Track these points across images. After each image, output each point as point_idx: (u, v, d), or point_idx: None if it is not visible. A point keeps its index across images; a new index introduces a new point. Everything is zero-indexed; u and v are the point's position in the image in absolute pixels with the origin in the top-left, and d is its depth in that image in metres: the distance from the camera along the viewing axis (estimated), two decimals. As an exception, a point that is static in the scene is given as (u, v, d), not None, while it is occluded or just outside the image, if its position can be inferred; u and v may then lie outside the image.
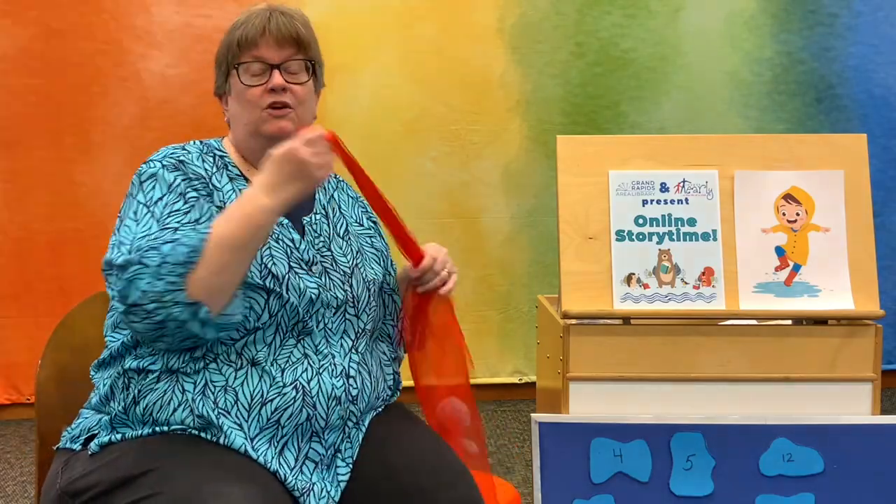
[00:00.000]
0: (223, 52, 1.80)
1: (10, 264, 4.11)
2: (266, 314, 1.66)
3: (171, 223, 1.62)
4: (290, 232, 1.76)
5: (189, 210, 1.65)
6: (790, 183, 2.14)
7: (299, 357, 1.68)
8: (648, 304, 2.08)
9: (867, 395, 2.09)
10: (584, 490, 2.03)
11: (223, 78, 1.80)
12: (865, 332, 2.09)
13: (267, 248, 1.70)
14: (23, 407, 4.08)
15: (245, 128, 1.78)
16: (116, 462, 1.61)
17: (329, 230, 1.83)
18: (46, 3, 4.00)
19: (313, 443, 1.67)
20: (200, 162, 1.75)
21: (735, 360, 2.08)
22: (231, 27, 1.80)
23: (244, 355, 1.65)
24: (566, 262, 2.11)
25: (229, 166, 1.78)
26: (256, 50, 1.75)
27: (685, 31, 4.24)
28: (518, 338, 4.29)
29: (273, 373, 1.65)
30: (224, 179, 1.75)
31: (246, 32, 1.76)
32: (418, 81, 4.18)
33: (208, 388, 1.63)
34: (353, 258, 1.82)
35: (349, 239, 1.85)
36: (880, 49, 4.29)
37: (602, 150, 2.17)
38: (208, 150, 1.79)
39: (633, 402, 2.07)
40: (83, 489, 1.61)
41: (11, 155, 4.07)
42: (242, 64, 1.75)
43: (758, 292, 2.10)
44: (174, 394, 1.64)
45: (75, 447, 1.69)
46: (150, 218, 1.64)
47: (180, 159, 1.73)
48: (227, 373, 1.64)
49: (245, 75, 1.75)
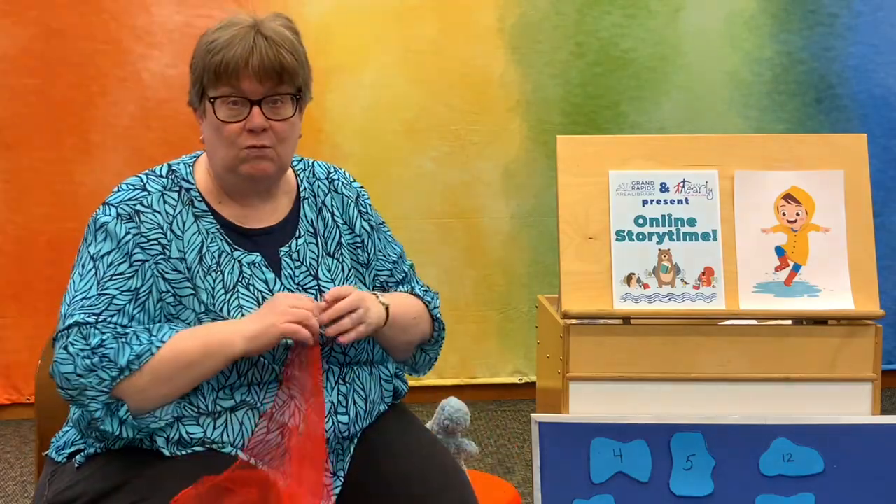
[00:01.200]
0: (199, 67, 1.63)
1: (10, 264, 4.11)
2: (234, 374, 1.59)
3: (110, 288, 1.57)
4: (264, 272, 1.65)
5: (133, 275, 1.58)
6: (790, 183, 2.14)
7: (285, 399, 1.59)
8: (648, 304, 2.08)
9: (867, 395, 2.08)
10: (584, 490, 2.02)
11: (198, 96, 1.65)
12: (865, 332, 2.08)
13: (234, 300, 1.61)
14: (23, 407, 4.08)
15: (222, 161, 1.64)
16: (102, 471, 1.59)
17: (317, 251, 1.71)
18: (46, 3, 4.00)
19: None
20: (161, 204, 1.63)
21: (735, 360, 2.08)
22: (209, 40, 1.63)
23: (220, 405, 1.59)
24: (566, 262, 2.10)
25: (195, 202, 1.66)
26: (237, 81, 1.59)
27: (685, 31, 4.24)
28: (518, 338, 4.29)
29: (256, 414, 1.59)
30: (189, 219, 1.64)
31: (226, 60, 1.58)
32: (418, 81, 4.18)
33: (183, 441, 1.57)
34: (344, 278, 1.72)
35: (340, 254, 1.73)
36: (880, 49, 4.29)
37: (602, 150, 2.17)
38: (174, 182, 1.67)
39: (633, 402, 2.07)
40: (70, 500, 1.59)
41: (11, 155, 4.07)
42: (220, 97, 1.60)
43: (758, 292, 2.10)
44: (142, 443, 1.59)
45: (60, 459, 1.66)
46: (93, 277, 1.59)
47: (136, 209, 1.62)
48: (205, 423, 1.58)
49: (222, 108, 1.60)
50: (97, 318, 1.55)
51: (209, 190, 1.68)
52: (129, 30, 4.02)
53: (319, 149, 4.06)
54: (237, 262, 1.63)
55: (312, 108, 1.80)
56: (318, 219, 1.74)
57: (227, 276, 1.62)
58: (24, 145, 4.06)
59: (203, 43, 1.64)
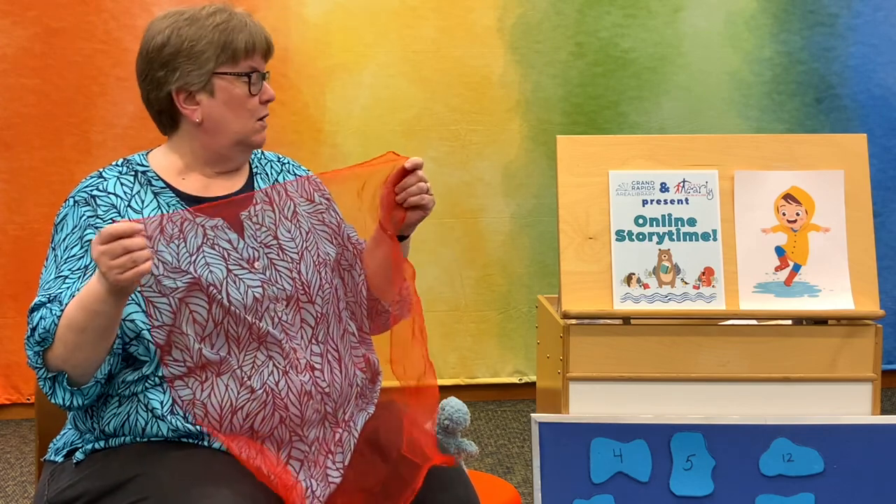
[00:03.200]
0: (210, 47, 1.70)
1: (10, 264, 4.11)
2: (210, 323, 1.64)
3: (64, 270, 1.64)
4: (227, 232, 1.71)
5: (83, 255, 1.64)
6: (790, 183, 2.14)
7: (264, 360, 1.65)
8: (648, 304, 2.08)
9: (867, 395, 2.09)
10: (584, 490, 2.03)
11: (202, 77, 1.71)
12: (865, 332, 2.09)
13: (201, 257, 1.66)
14: (23, 407, 4.08)
15: (233, 135, 1.74)
16: (102, 470, 1.61)
17: (275, 216, 1.77)
18: (46, 3, 4.00)
19: (295, 442, 1.66)
20: (118, 187, 1.71)
21: (735, 360, 2.08)
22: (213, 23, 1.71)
23: (208, 368, 1.63)
24: (566, 262, 2.11)
25: (153, 181, 1.74)
26: (252, 59, 1.73)
27: (685, 31, 4.24)
28: (518, 338, 4.29)
29: (241, 378, 1.63)
30: (148, 197, 1.71)
31: (245, 39, 1.72)
32: (418, 81, 4.18)
33: (176, 404, 1.62)
34: (303, 241, 1.77)
35: (297, 221, 1.79)
36: (880, 49, 4.29)
37: (602, 150, 2.17)
38: (128, 169, 1.76)
39: (633, 402, 2.07)
40: (71, 499, 1.61)
41: (11, 155, 4.06)
42: (245, 73, 1.72)
43: (758, 292, 2.10)
44: (139, 414, 1.63)
45: (59, 459, 1.68)
46: (53, 264, 1.67)
47: (92, 193, 1.70)
48: (193, 386, 1.63)
49: (239, 84, 1.72)
50: (49, 297, 1.61)
51: (168, 170, 1.76)
52: (129, 30, 4.02)
53: (319, 149, 4.06)
54: (200, 227, 1.69)
55: (312, 108, 1.83)
56: (273, 191, 1.82)
57: (189, 241, 1.67)
58: (24, 145, 4.06)
59: (203, 26, 1.72)
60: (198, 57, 1.70)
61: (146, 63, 1.74)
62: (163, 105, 1.74)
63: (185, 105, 1.72)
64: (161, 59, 1.72)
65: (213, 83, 1.71)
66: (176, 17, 1.74)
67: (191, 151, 1.76)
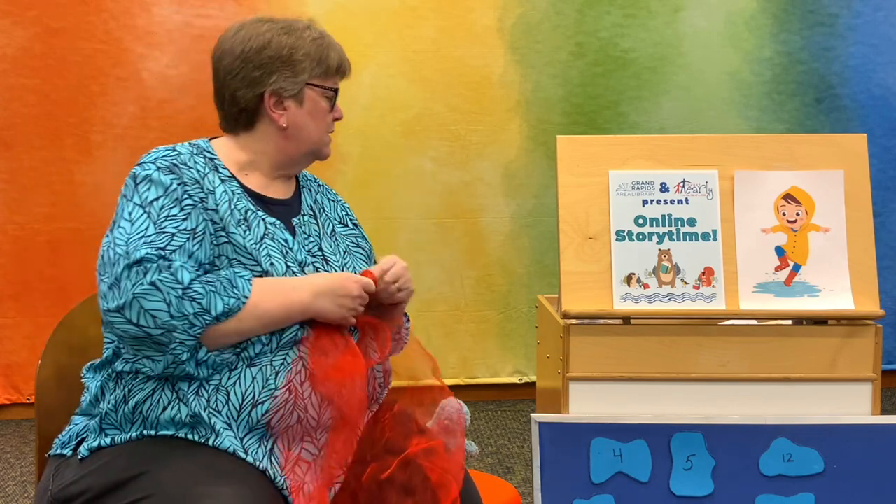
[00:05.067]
0: (307, 58, 1.81)
1: (10, 264, 4.11)
2: None
3: (167, 227, 1.63)
4: (283, 232, 1.77)
5: (186, 217, 1.66)
6: (790, 183, 2.14)
7: (294, 359, 1.68)
8: (648, 304, 2.08)
9: (867, 395, 2.09)
10: (584, 490, 2.03)
11: (296, 85, 1.81)
12: (865, 332, 2.09)
13: (264, 249, 1.72)
14: (23, 407, 4.08)
15: (307, 144, 1.84)
16: (106, 467, 1.61)
17: (318, 230, 1.85)
18: (46, 3, 4.00)
19: (305, 443, 1.67)
20: (193, 162, 1.76)
21: (735, 360, 2.08)
22: (310, 36, 1.83)
23: (242, 355, 1.66)
24: (566, 262, 2.11)
25: (219, 168, 1.78)
26: (337, 77, 1.87)
27: (685, 31, 4.24)
28: (518, 338, 4.29)
29: (267, 374, 1.66)
30: (216, 181, 1.75)
31: (339, 57, 1.86)
32: (418, 81, 4.18)
33: (203, 386, 1.64)
34: (342, 257, 1.84)
35: (336, 239, 1.88)
36: (880, 49, 4.29)
37: (602, 150, 2.17)
38: (198, 150, 1.80)
39: (633, 402, 2.07)
40: (74, 495, 1.62)
41: (11, 155, 4.06)
42: (332, 88, 1.85)
43: (758, 292, 2.10)
44: (163, 393, 1.64)
45: (66, 452, 1.68)
46: (147, 219, 1.64)
47: (174, 162, 1.73)
48: (222, 372, 1.65)
49: (323, 98, 1.84)
50: (163, 251, 1.60)
51: (231, 162, 1.81)
52: (129, 30, 4.02)
53: (319, 149, 4.06)
54: (261, 220, 1.76)
55: (312, 108, 1.87)
56: (314, 206, 1.91)
57: (253, 230, 1.73)
58: (24, 145, 4.06)
59: (301, 37, 1.82)
60: (295, 65, 1.80)
61: (241, 62, 1.79)
62: (249, 104, 1.81)
63: (273, 109, 1.81)
64: (259, 61, 1.79)
65: (304, 92, 1.81)
66: (271, 25, 1.82)
67: (262, 151, 1.83)
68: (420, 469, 1.73)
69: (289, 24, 1.84)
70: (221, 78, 1.82)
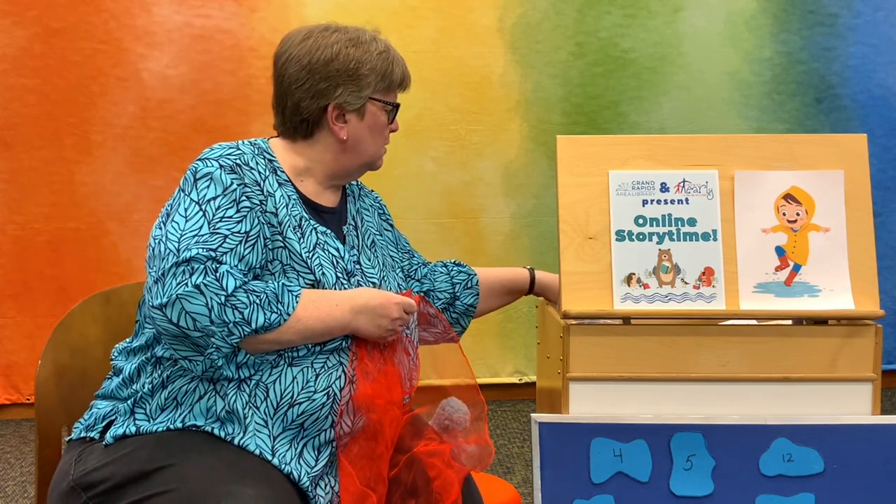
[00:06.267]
0: (373, 71, 1.84)
1: (10, 264, 4.11)
2: None
3: (221, 228, 1.62)
4: (334, 241, 1.78)
5: (241, 220, 1.64)
6: (790, 183, 2.14)
7: (335, 364, 1.69)
8: (648, 304, 2.08)
9: (867, 395, 2.08)
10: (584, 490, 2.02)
11: (360, 100, 1.82)
12: (865, 332, 2.08)
13: (316, 257, 1.72)
14: (23, 407, 4.08)
15: (366, 157, 1.86)
16: (131, 456, 1.61)
17: (359, 242, 1.86)
18: (46, 3, 4.00)
19: (334, 448, 1.68)
20: (255, 163, 1.74)
21: (735, 360, 2.08)
22: (377, 49, 1.87)
23: (284, 354, 1.66)
24: (566, 262, 2.10)
25: (278, 171, 1.78)
26: (399, 91, 1.93)
27: (685, 31, 4.24)
28: (518, 338, 4.29)
29: (308, 376, 1.66)
30: (275, 184, 1.75)
31: (404, 73, 1.92)
32: (418, 81, 4.16)
33: (245, 381, 1.64)
34: (380, 271, 1.86)
35: (375, 251, 1.89)
36: (880, 49, 4.29)
37: (602, 150, 2.17)
38: (259, 151, 1.79)
39: (633, 402, 2.07)
40: (97, 482, 1.61)
41: (11, 155, 4.07)
42: (393, 104, 1.90)
43: (758, 292, 2.10)
44: (202, 382, 1.64)
45: (92, 435, 1.67)
46: (202, 217, 1.62)
47: (237, 162, 1.71)
48: (264, 368, 1.65)
49: (383, 113, 1.88)
50: (214, 253, 1.58)
51: (289, 166, 1.81)
52: (129, 30, 4.02)
53: (319, 149, 4.06)
54: (314, 229, 1.76)
55: (312, 108, 1.86)
56: (357, 216, 1.92)
57: (307, 237, 1.74)
58: (24, 145, 4.07)
59: (367, 51, 1.85)
60: (361, 80, 1.82)
61: (308, 73, 1.79)
62: (312, 115, 1.81)
63: (335, 122, 1.81)
64: (326, 73, 1.80)
65: (366, 107, 1.84)
66: (339, 35, 1.86)
67: (319, 160, 1.83)
68: (423, 469, 1.73)
69: (356, 35, 1.87)
70: (286, 85, 1.80)
